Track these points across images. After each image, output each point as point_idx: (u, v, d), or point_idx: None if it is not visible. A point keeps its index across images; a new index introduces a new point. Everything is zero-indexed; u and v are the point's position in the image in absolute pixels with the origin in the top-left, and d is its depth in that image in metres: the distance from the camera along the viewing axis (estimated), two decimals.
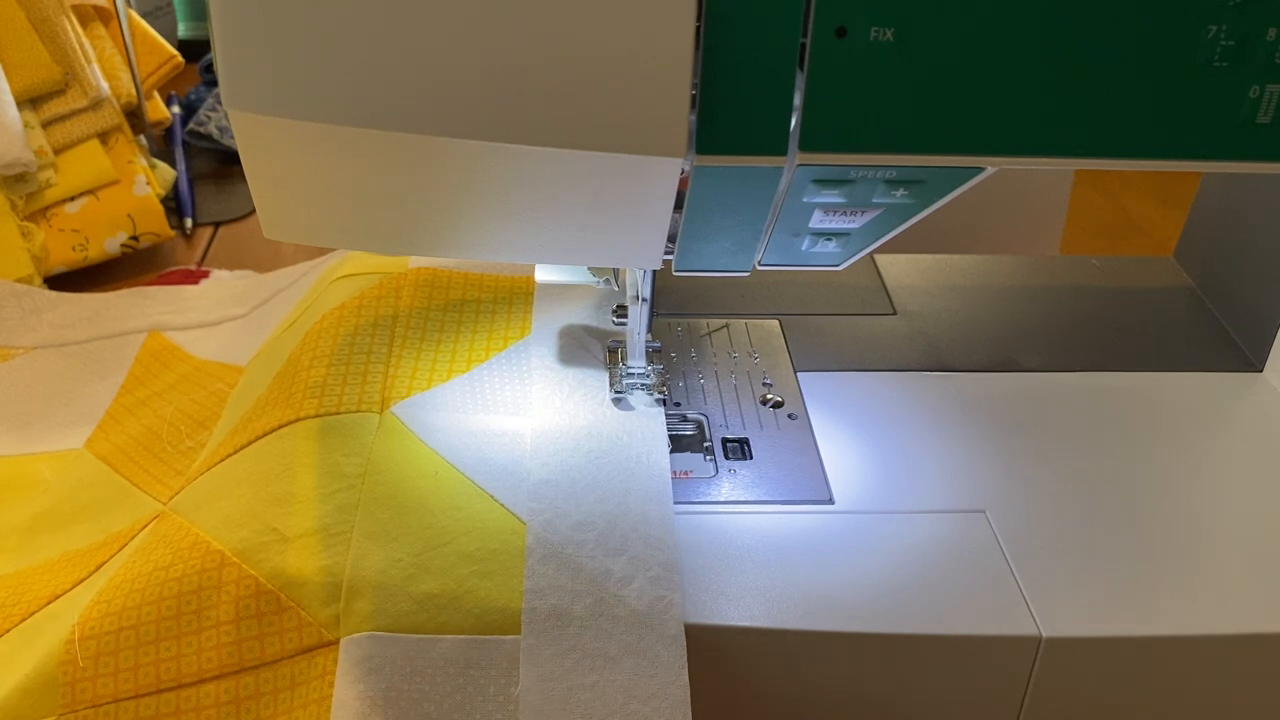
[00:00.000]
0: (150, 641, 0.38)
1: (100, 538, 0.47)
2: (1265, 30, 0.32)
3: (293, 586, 0.38)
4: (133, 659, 0.37)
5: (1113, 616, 0.40)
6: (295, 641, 0.37)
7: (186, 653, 0.37)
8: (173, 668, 0.37)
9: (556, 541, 0.39)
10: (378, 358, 0.47)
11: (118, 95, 0.72)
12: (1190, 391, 0.52)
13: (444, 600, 0.37)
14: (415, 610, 0.37)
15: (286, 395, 0.46)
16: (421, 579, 0.38)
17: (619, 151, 0.32)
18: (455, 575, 0.38)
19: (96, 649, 0.38)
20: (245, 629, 0.37)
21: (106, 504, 0.50)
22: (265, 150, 0.34)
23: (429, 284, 0.52)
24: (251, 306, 0.66)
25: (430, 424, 0.44)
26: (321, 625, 0.37)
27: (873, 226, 0.39)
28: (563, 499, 0.41)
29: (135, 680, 0.37)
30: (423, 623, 0.37)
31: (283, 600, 0.38)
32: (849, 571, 0.41)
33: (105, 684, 0.37)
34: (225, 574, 0.38)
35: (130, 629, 0.38)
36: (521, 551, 0.39)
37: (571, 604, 0.37)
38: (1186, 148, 0.34)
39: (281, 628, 0.37)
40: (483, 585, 0.38)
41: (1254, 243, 0.55)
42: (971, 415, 0.50)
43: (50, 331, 0.64)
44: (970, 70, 0.33)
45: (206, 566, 0.39)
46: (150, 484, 0.50)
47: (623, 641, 0.37)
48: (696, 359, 0.53)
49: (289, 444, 0.43)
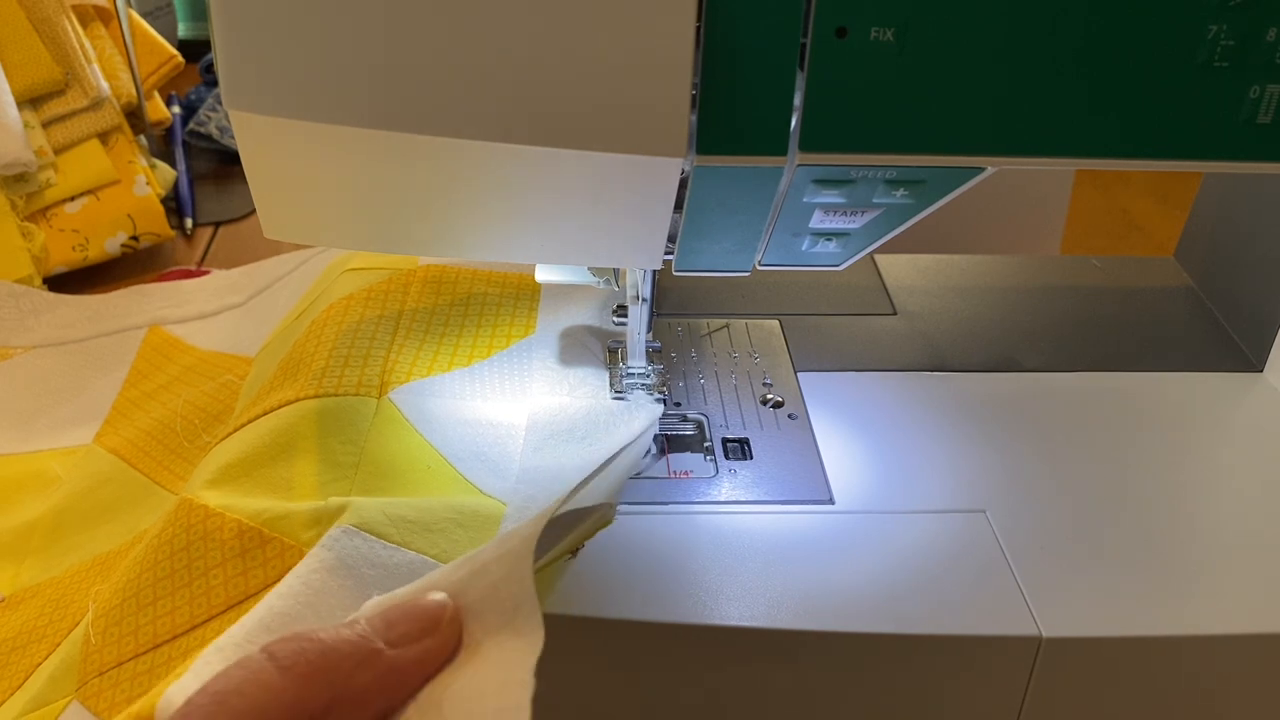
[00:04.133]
0: (149, 603, 0.38)
1: (128, 538, 0.47)
2: (1265, 30, 0.32)
3: (276, 520, 0.38)
4: (134, 623, 0.38)
5: (1113, 616, 0.40)
6: (278, 567, 0.37)
7: (180, 605, 0.37)
8: (167, 622, 0.37)
9: (531, 510, 0.39)
10: (380, 345, 0.47)
11: (118, 95, 0.72)
12: (1190, 391, 0.52)
13: (416, 527, 0.37)
14: (386, 523, 0.37)
15: (290, 380, 0.46)
16: (400, 508, 0.38)
17: (619, 151, 0.32)
18: (433, 514, 0.38)
19: (105, 624, 0.38)
20: (231, 569, 0.37)
21: (129, 501, 0.50)
22: (265, 150, 0.34)
23: (437, 280, 0.52)
24: (249, 295, 0.66)
25: (426, 412, 0.44)
26: (303, 545, 0.37)
27: (873, 226, 0.39)
28: (548, 482, 0.41)
29: (135, 641, 0.38)
30: (390, 534, 0.37)
31: (265, 534, 0.38)
32: (849, 571, 0.41)
33: (110, 651, 0.38)
34: (210, 524, 0.38)
35: (132, 597, 0.38)
36: (498, 520, 0.39)
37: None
38: (1186, 148, 0.34)
39: (265, 558, 0.37)
40: (454, 530, 0.38)
41: (1254, 243, 0.55)
42: (971, 415, 0.50)
43: (49, 331, 0.64)
44: (970, 70, 0.33)
45: (193, 522, 0.39)
46: (172, 481, 0.50)
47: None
48: (696, 359, 0.53)
49: (286, 422, 0.43)
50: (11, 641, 0.43)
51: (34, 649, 0.43)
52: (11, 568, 0.48)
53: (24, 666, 0.42)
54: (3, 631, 0.44)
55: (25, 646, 0.43)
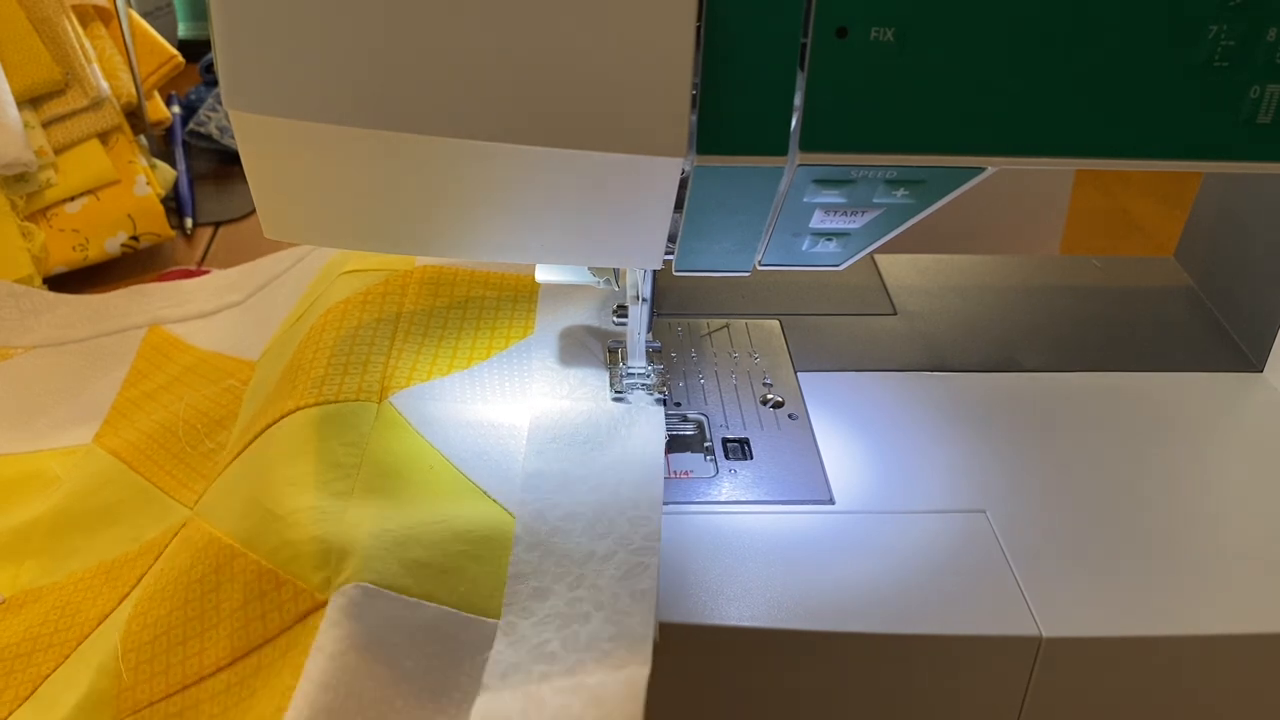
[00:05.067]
0: (179, 643, 0.38)
1: (133, 546, 0.47)
2: (1265, 30, 0.32)
3: (289, 561, 0.38)
4: (165, 662, 0.38)
5: (1113, 616, 0.40)
6: (293, 611, 0.37)
7: (207, 646, 0.38)
8: (195, 663, 0.38)
9: (544, 531, 0.39)
10: (379, 350, 0.47)
11: (118, 95, 0.72)
12: (1190, 391, 0.52)
13: (432, 570, 0.37)
14: (403, 573, 0.37)
15: (290, 388, 0.46)
16: (411, 547, 0.38)
17: (619, 151, 0.32)
18: (445, 550, 0.38)
19: (136, 659, 0.39)
20: (250, 611, 0.38)
21: (131, 507, 0.50)
22: (265, 150, 0.34)
23: (434, 281, 0.52)
24: (248, 293, 0.66)
25: (427, 415, 0.44)
26: (314, 589, 0.37)
27: (873, 226, 0.39)
28: (555, 489, 0.41)
29: (166, 681, 0.38)
30: (409, 586, 0.37)
31: (280, 575, 0.38)
32: (849, 571, 0.41)
33: (143, 690, 0.38)
34: (236, 565, 0.39)
35: (163, 635, 0.39)
36: (509, 541, 0.39)
37: (552, 584, 0.38)
38: (1186, 148, 0.34)
39: (280, 601, 0.37)
40: (470, 567, 0.38)
41: (1254, 243, 0.55)
42: (971, 415, 0.50)
43: (49, 331, 0.64)
44: (970, 70, 0.33)
45: (221, 562, 0.39)
46: (175, 487, 0.50)
47: (596, 601, 0.36)
48: (696, 359, 0.53)
49: (288, 432, 0.43)
50: (15, 648, 0.43)
51: (40, 658, 0.43)
52: (11, 568, 0.48)
53: (30, 676, 0.42)
54: (5, 636, 0.44)
55: (30, 654, 0.43)
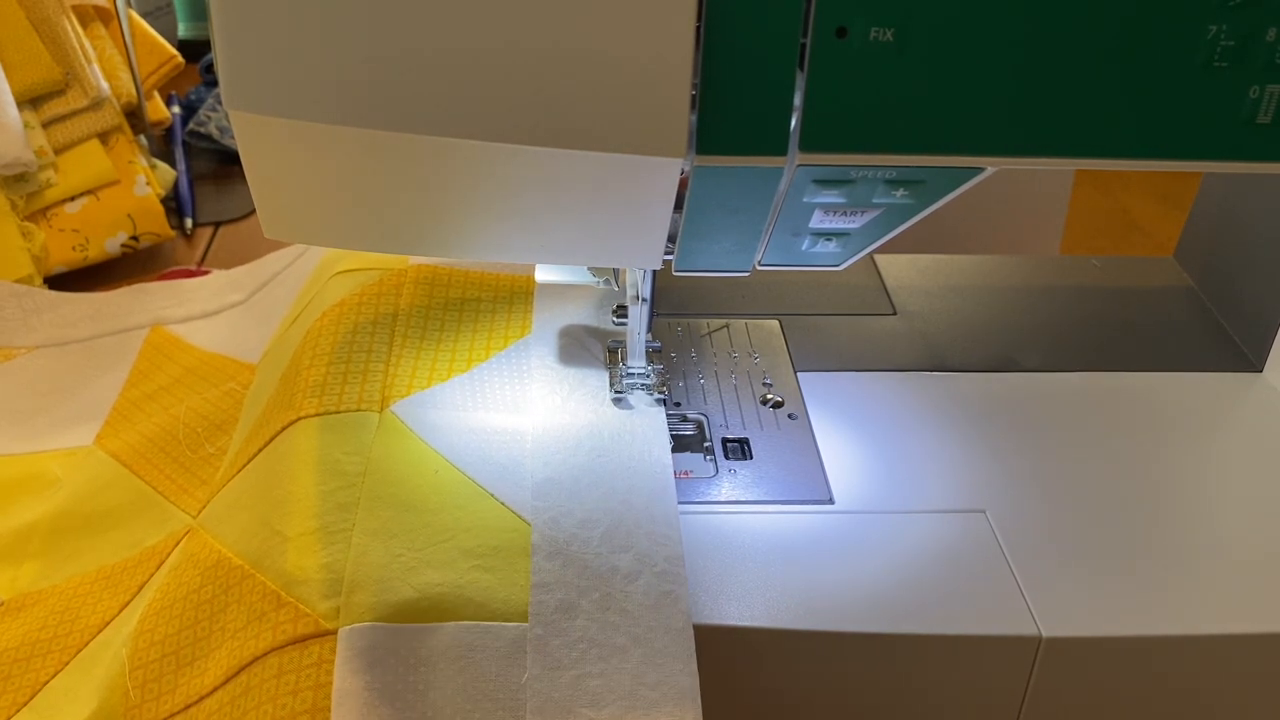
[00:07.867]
0: (187, 663, 0.39)
1: (133, 552, 0.47)
2: (1265, 30, 0.32)
3: (293, 585, 0.38)
4: (172, 681, 0.39)
5: (1113, 616, 0.40)
6: (289, 632, 0.37)
7: (211, 666, 0.38)
8: (198, 683, 0.38)
9: (561, 539, 0.40)
10: (378, 356, 0.47)
11: (118, 95, 0.72)
12: (1190, 391, 0.52)
13: (445, 590, 0.37)
14: (417, 599, 0.37)
15: (290, 396, 0.46)
16: (422, 571, 0.38)
17: (619, 151, 0.32)
18: (456, 569, 0.38)
19: (143, 677, 0.39)
20: (251, 631, 0.38)
21: (132, 512, 0.50)
22: (265, 150, 0.34)
23: (429, 281, 0.52)
24: (249, 292, 0.66)
25: (430, 422, 0.44)
26: (320, 616, 0.37)
27: (873, 226, 0.39)
28: (566, 497, 0.41)
29: (173, 700, 0.38)
30: (425, 611, 0.37)
31: (282, 598, 0.38)
32: (849, 571, 0.41)
33: (150, 709, 0.38)
34: (245, 586, 0.39)
35: (171, 654, 0.39)
36: (526, 549, 0.39)
37: (579, 599, 0.38)
38: (1186, 148, 0.34)
39: (277, 622, 0.37)
40: (484, 579, 0.38)
41: (1254, 243, 0.55)
42: (971, 415, 0.50)
43: (51, 330, 0.64)
44: (970, 70, 0.33)
45: (230, 583, 0.40)
46: (176, 493, 0.50)
47: (631, 633, 0.37)
48: (696, 359, 0.53)
49: (290, 445, 0.43)
50: (14, 652, 0.43)
51: (38, 663, 0.43)
52: (10, 570, 0.48)
53: (28, 681, 0.42)
54: (4, 641, 0.44)
55: (29, 659, 0.43)
